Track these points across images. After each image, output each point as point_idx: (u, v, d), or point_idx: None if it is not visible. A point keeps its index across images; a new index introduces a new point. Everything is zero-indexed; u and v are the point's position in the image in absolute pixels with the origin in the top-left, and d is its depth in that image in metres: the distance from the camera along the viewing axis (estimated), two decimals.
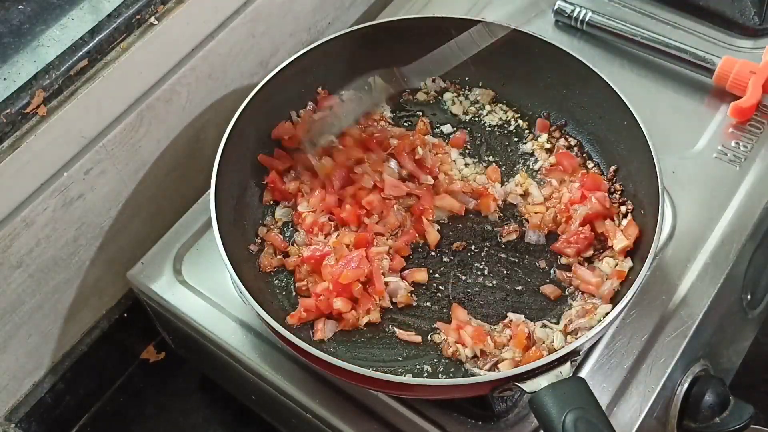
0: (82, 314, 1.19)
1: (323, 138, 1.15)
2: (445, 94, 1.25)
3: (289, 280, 1.08)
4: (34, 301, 1.09)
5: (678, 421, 1.11)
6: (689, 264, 1.10)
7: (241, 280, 0.97)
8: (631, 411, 1.00)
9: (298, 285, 1.07)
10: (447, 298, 1.06)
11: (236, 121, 1.09)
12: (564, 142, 1.18)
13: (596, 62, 1.14)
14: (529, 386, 0.89)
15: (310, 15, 1.33)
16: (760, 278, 1.30)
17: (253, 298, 0.96)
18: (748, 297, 1.29)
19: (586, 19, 1.31)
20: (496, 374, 0.94)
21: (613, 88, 1.10)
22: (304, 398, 1.03)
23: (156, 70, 1.11)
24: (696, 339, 1.06)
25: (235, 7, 1.18)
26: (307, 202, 1.12)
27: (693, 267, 1.09)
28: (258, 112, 1.13)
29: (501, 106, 1.23)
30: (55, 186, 1.04)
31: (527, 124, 1.21)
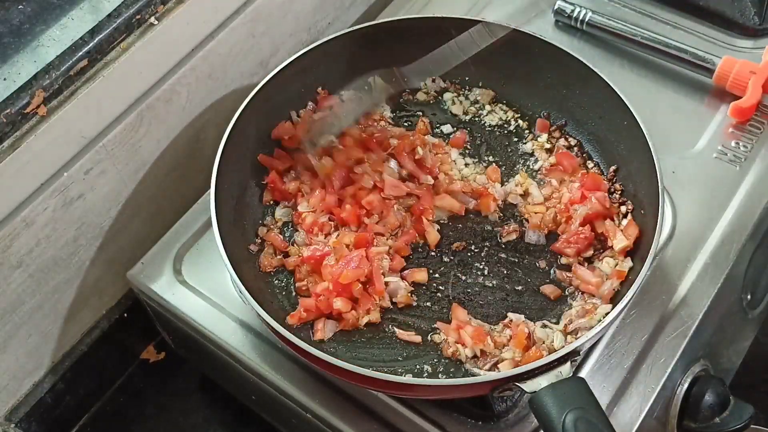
0: (82, 314, 1.19)
1: (323, 138, 1.15)
2: (445, 94, 1.24)
3: (289, 280, 1.08)
4: (34, 301, 1.09)
5: (678, 421, 1.10)
6: (689, 264, 1.10)
7: (241, 280, 0.97)
8: (631, 411, 1.00)
9: (298, 285, 1.07)
10: (447, 298, 1.06)
11: (236, 121, 1.09)
12: (564, 142, 1.18)
13: (596, 62, 1.14)
14: (529, 386, 0.89)
15: (310, 15, 1.33)
16: (760, 278, 1.30)
17: (253, 298, 0.96)
18: (748, 297, 1.29)
19: (586, 19, 1.31)
20: (496, 374, 0.94)
21: (613, 88, 1.10)
22: (304, 398, 1.03)
23: (156, 70, 1.11)
24: (696, 339, 1.06)
25: (235, 7, 1.18)
26: (307, 202, 1.12)
27: (693, 267, 1.09)
28: (258, 112, 1.13)
29: (501, 106, 1.23)
30: (55, 186, 1.04)
31: (527, 124, 1.21)
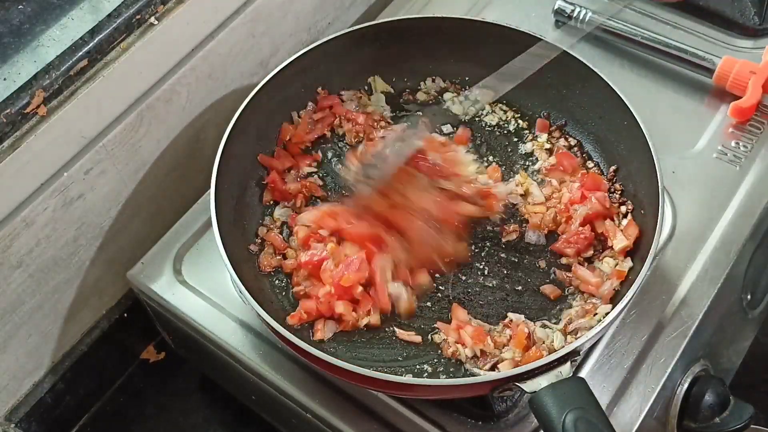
0: (82, 314, 1.19)
1: (376, 176, 1.09)
2: (445, 94, 1.24)
3: (289, 281, 1.08)
4: (34, 301, 1.09)
5: (678, 421, 1.10)
6: (689, 264, 1.10)
7: (241, 280, 0.97)
8: (631, 411, 1.00)
9: (295, 290, 1.06)
10: (447, 298, 1.06)
11: (236, 121, 1.09)
12: (564, 142, 1.18)
13: (596, 62, 1.13)
14: (529, 386, 0.89)
15: (310, 15, 1.33)
16: (760, 278, 1.30)
17: (253, 298, 0.96)
18: (748, 297, 1.29)
19: (586, 19, 1.31)
20: (496, 374, 0.94)
21: (613, 88, 1.10)
22: (304, 398, 1.03)
23: (156, 70, 1.11)
24: (696, 339, 1.06)
25: (235, 7, 1.18)
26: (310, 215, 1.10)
27: (693, 267, 1.09)
28: (258, 112, 1.13)
29: (501, 106, 1.23)
30: (55, 186, 1.04)
31: (527, 124, 1.21)
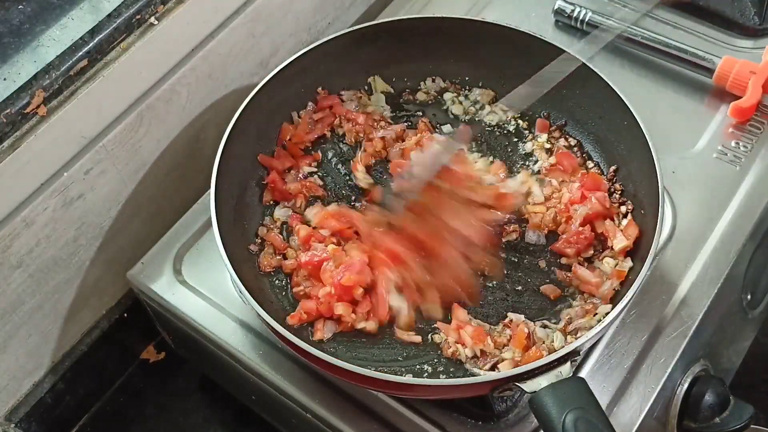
0: (82, 314, 1.19)
1: (409, 193, 1.08)
2: (445, 94, 1.24)
3: (289, 281, 1.08)
4: (34, 301, 1.09)
5: (678, 421, 1.10)
6: (689, 264, 1.10)
7: (241, 280, 0.97)
8: (631, 411, 1.00)
9: (295, 290, 1.06)
10: None
11: (236, 121, 1.09)
12: (564, 142, 1.18)
13: (596, 62, 1.13)
14: (529, 386, 0.88)
15: (310, 15, 1.33)
16: (760, 278, 1.30)
17: (253, 298, 0.96)
18: (748, 297, 1.29)
19: (586, 19, 1.31)
20: (496, 374, 0.93)
21: (613, 88, 1.10)
22: (304, 398, 1.03)
23: (156, 70, 1.11)
24: (696, 339, 1.06)
25: (235, 7, 1.18)
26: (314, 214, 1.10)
27: (693, 267, 1.09)
28: (258, 112, 1.13)
29: (501, 106, 1.23)
30: (55, 186, 1.04)
31: (527, 124, 1.21)
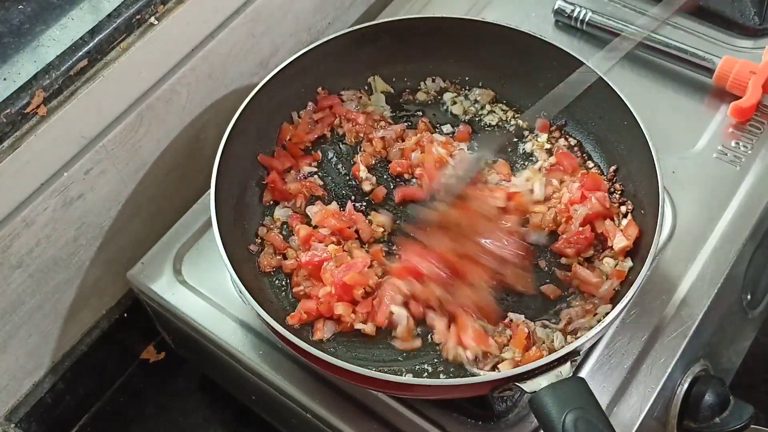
0: (82, 314, 1.19)
1: (450, 195, 1.09)
2: (445, 94, 1.24)
3: (289, 281, 1.08)
4: (34, 301, 1.09)
5: (678, 421, 1.10)
6: (689, 264, 1.10)
7: (241, 280, 0.97)
8: (631, 411, 1.00)
9: (295, 290, 1.06)
10: None
11: (236, 121, 1.09)
12: (564, 142, 1.18)
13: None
14: (529, 386, 0.88)
15: (310, 15, 1.33)
16: (760, 278, 1.30)
17: (253, 298, 0.96)
18: (748, 297, 1.29)
19: (586, 19, 1.31)
20: (496, 374, 0.93)
21: (613, 88, 1.10)
22: (304, 398, 1.03)
23: (156, 70, 1.11)
24: (696, 339, 1.06)
25: (235, 7, 1.18)
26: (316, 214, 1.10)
27: (693, 267, 1.09)
28: (258, 112, 1.13)
29: (501, 106, 1.23)
30: (55, 186, 1.04)
31: (527, 124, 1.21)
